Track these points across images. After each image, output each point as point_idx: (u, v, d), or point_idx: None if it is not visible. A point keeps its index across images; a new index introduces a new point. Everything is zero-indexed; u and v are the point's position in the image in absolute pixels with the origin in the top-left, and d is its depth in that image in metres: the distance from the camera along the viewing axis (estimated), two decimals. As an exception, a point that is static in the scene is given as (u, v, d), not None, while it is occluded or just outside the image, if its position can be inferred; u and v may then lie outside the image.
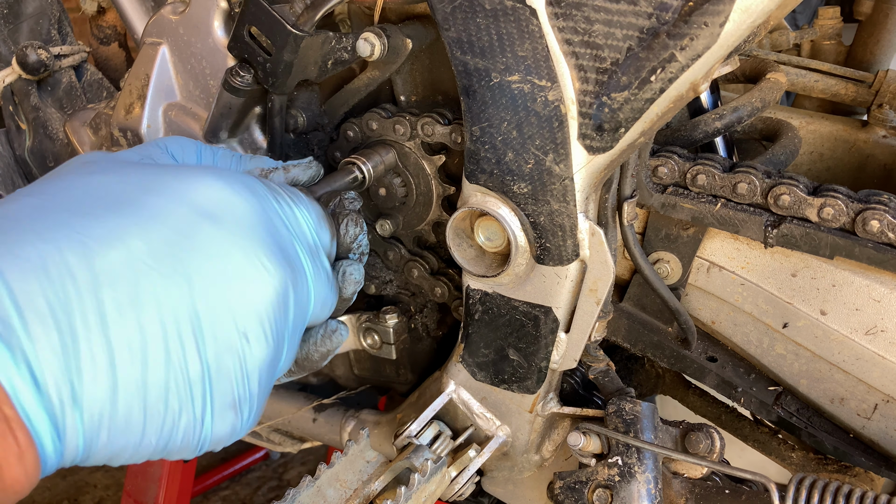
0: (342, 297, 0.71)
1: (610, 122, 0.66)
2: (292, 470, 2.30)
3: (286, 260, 0.59)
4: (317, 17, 0.77)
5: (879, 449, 0.80)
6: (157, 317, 0.51)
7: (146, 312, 0.50)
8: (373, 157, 0.85)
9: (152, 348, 0.50)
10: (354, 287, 0.71)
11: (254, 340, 0.55)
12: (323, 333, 0.70)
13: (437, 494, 0.82)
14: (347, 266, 0.71)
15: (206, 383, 0.53)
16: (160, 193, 0.55)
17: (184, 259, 0.53)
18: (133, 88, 0.97)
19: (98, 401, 0.48)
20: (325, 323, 0.71)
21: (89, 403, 0.48)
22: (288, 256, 0.60)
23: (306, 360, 0.71)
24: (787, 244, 0.77)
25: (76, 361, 0.47)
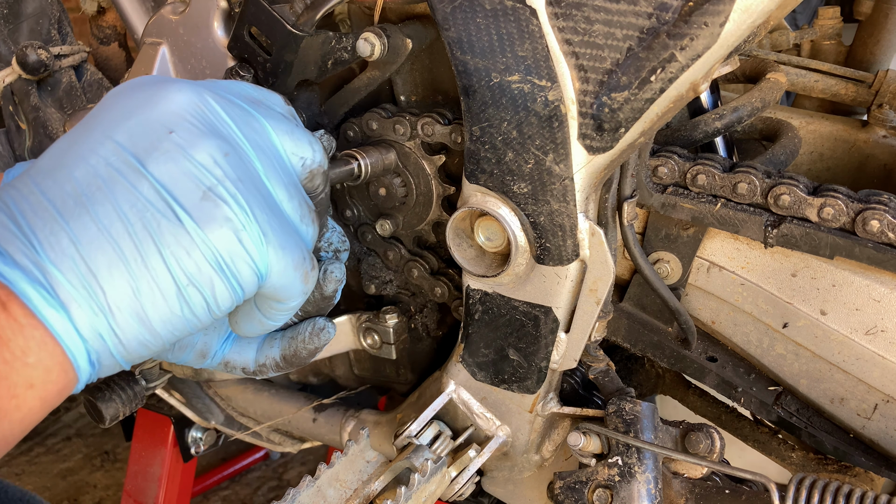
0: (323, 295, 0.72)
1: (610, 122, 0.66)
2: (292, 470, 2.30)
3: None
4: (317, 17, 0.77)
5: (879, 449, 0.80)
6: (91, 171, 0.54)
7: (98, 200, 0.53)
8: (372, 154, 0.85)
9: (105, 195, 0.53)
10: (335, 285, 0.72)
11: (183, 132, 0.56)
12: (311, 331, 0.72)
13: (437, 494, 0.82)
14: (329, 265, 0.72)
15: (166, 193, 0.54)
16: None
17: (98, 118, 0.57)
18: (133, 88, 0.96)
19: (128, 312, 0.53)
20: (312, 321, 0.72)
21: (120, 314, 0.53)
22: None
23: (294, 357, 0.73)
24: (787, 244, 0.77)
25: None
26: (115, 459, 2.36)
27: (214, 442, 1.40)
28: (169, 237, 0.53)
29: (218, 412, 1.26)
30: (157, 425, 1.45)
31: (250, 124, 0.61)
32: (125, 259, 0.52)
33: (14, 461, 2.35)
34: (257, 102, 0.65)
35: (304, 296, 0.64)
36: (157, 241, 0.53)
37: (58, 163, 0.55)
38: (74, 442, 2.42)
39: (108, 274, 0.52)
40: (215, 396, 1.25)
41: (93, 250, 0.52)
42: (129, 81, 0.62)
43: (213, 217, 0.54)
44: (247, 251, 0.56)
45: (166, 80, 0.61)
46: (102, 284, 0.52)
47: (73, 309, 0.51)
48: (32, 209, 0.52)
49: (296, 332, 0.72)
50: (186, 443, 1.39)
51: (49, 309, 0.50)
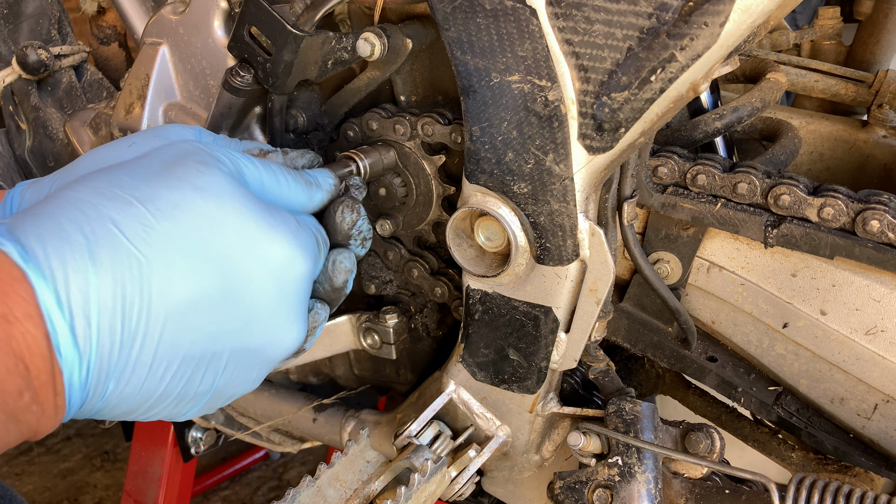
0: (333, 286, 0.70)
1: (610, 122, 0.66)
2: (292, 470, 2.30)
3: (306, 318, 0.66)
4: (317, 17, 0.77)
5: (879, 449, 0.80)
6: (200, 349, 0.58)
7: (196, 345, 0.58)
8: (371, 155, 0.85)
9: (183, 369, 0.57)
10: (345, 276, 0.70)
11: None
12: (332, 267, 0.70)
13: (437, 494, 0.82)
14: (337, 255, 0.70)
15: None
16: (242, 246, 0.60)
17: (241, 308, 0.60)
18: (133, 88, 0.97)
19: (121, 393, 0.55)
20: (329, 254, 0.70)
21: (116, 393, 0.54)
22: (306, 315, 0.66)
23: (332, 291, 0.71)
24: (787, 244, 0.77)
25: (120, 361, 0.54)
26: (115, 459, 2.36)
27: (214, 442, 1.40)
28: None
29: (218, 412, 1.26)
30: (157, 425, 1.45)
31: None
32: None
33: (14, 461, 2.35)
34: (272, 186, 0.67)
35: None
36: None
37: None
38: (74, 442, 2.42)
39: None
40: (215, 396, 1.25)
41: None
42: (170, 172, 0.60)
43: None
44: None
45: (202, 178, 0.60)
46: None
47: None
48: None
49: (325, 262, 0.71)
50: (186, 443, 1.39)
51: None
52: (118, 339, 0.52)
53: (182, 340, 0.55)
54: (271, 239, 0.60)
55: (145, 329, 0.53)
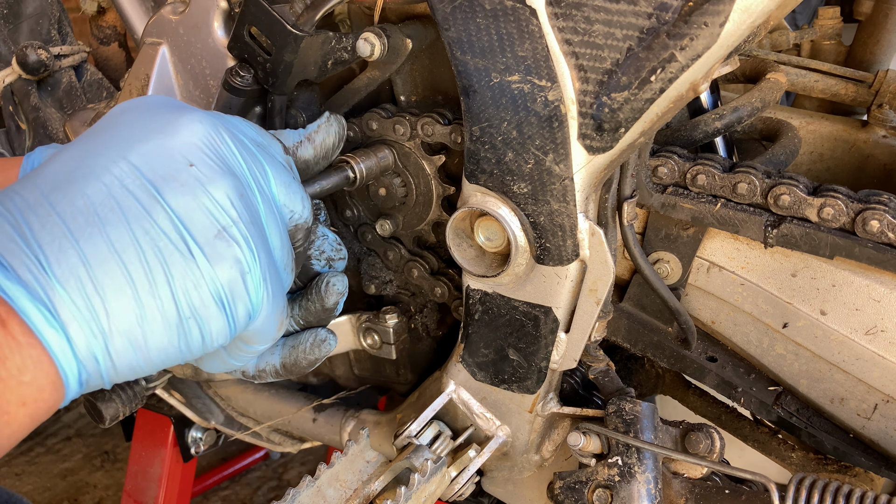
0: (324, 307, 0.71)
1: (610, 122, 0.66)
2: (292, 470, 2.30)
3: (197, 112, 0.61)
4: (317, 17, 0.77)
5: (879, 449, 0.80)
6: (101, 186, 0.53)
7: (89, 184, 0.53)
8: (368, 157, 0.85)
9: (110, 215, 0.53)
10: (336, 298, 0.71)
11: (203, 166, 0.56)
12: (312, 342, 0.71)
13: (437, 494, 0.82)
14: (331, 277, 0.71)
15: (182, 226, 0.54)
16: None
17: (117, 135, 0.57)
18: (133, 88, 0.97)
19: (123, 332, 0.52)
20: (314, 331, 0.71)
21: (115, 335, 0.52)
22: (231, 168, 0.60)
23: (294, 366, 0.72)
24: (787, 244, 0.77)
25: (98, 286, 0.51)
26: (115, 459, 2.36)
27: (214, 442, 1.40)
28: (179, 270, 0.53)
29: (218, 412, 1.26)
30: (157, 425, 1.45)
31: (258, 168, 0.62)
32: (133, 285, 0.52)
33: (14, 461, 2.35)
34: (262, 147, 0.65)
35: (273, 342, 0.65)
36: (167, 271, 0.53)
37: (68, 176, 0.54)
38: (74, 442, 2.42)
39: (114, 297, 0.51)
40: (215, 396, 1.25)
41: (102, 272, 0.51)
42: (141, 100, 0.62)
43: (224, 256, 0.55)
44: (248, 293, 0.56)
45: (182, 107, 0.61)
46: (108, 307, 0.51)
47: (73, 330, 0.50)
48: (41, 223, 0.51)
49: (297, 342, 0.71)
50: (186, 443, 1.39)
51: (49, 329, 0.49)
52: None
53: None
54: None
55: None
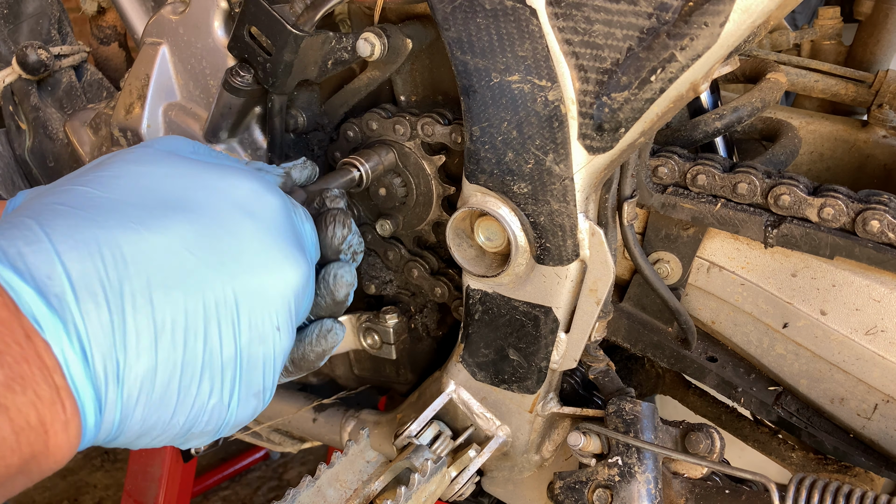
0: (335, 300, 0.70)
1: (610, 122, 0.66)
2: (292, 470, 2.30)
3: (305, 255, 0.62)
4: (317, 17, 0.77)
5: (879, 449, 0.80)
6: (200, 301, 0.53)
7: (190, 296, 0.53)
8: (372, 158, 0.85)
9: (192, 330, 0.52)
10: (347, 289, 0.71)
11: (283, 330, 0.58)
12: (318, 333, 0.70)
13: (437, 494, 0.82)
14: (338, 269, 0.70)
15: (237, 369, 0.55)
16: (203, 188, 0.59)
17: (225, 249, 0.56)
18: (133, 88, 0.97)
19: (138, 378, 0.50)
20: (320, 322, 0.70)
21: (130, 380, 0.50)
22: (305, 252, 0.63)
23: (303, 360, 0.71)
24: (788, 244, 0.77)
25: (122, 339, 0.49)
26: (115, 459, 2.36)
27: (214, 442, 1.40)
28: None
29: (218, 412, 1.26)
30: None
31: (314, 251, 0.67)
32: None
33: (14, 461, 2.34)
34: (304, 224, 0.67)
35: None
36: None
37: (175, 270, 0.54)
38: (74, 442, 2.41)
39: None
40: (215, 396, 1.25)
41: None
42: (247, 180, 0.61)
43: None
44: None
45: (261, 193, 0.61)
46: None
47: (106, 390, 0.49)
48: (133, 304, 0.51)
49: (303, 335, 0.70)
50: (186, 443, 1.39)
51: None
52: (108, 312, 0.49)
53: (173, 295, 0.52)
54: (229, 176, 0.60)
55: (133, 298, 0.50)
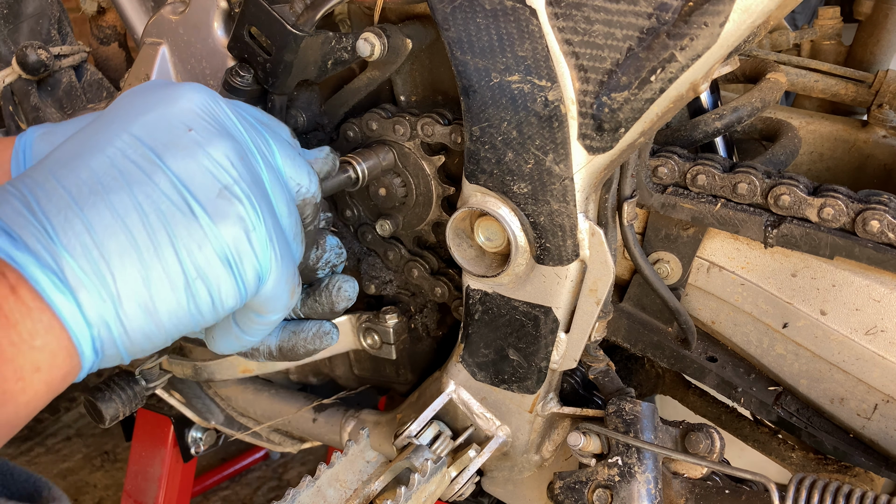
0: (333, 311, 0.74)
1: (610, 122, 0.66)
2: (292, 470, 2.30)
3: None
4: (317, 17, 0.77)
5: (879, 449, 0.80)
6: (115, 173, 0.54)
7: (114, 189, 0.53)
8: (370, 158, 0.85)
9: (122, 193, 0.53)
10: (346, 304, 0.74)
11: (202, 130, 0.57)
12: (315, 332, 0.73)
13: (437, 494, 0.82)
14: (343, 282, 0.73)
15: (183, 188, 0.55)
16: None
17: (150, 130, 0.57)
18: (133, 88, 0.96)
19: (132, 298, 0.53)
20: (320, 323, 0.73)
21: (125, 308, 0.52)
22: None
23: (290, 351, 0.73)
24: (787, 244, 0.77)
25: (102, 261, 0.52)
26: (115, 459, 2.36)
27: (214, 442, 1.40)
28: (182, 230, 0.54)
29: (218, 412, 1.26)
30: (157, 425, 1.45)
31: (260, 138, 0.63)
32: (138, 248, 0.53)
33: (14, 461, 2.35)
34: (264, 124, 0.67)
35: (287, 311, 0.65)
36: (170, 232, 0.53)
37: (74, 153, 0.55)
38: (74, 442, 2.42)
39: (119, 261, 0.52)
40: (215, 396, 1.25)
41: (106, 237, 0.52)
42: (144, 84, 0.63)
43: (227, 214, 0.55)
44: (254, 251, 0.57)
45: (182, 83, 0.62)
46: (113, 271, 0.52)
47: (82, 295, 0.51)
48: (47, 196, 0.53)
49: (299, 328, 0.72)
50: (186, 443, 1.39)
51: (58, 294, 0.50)
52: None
53: None
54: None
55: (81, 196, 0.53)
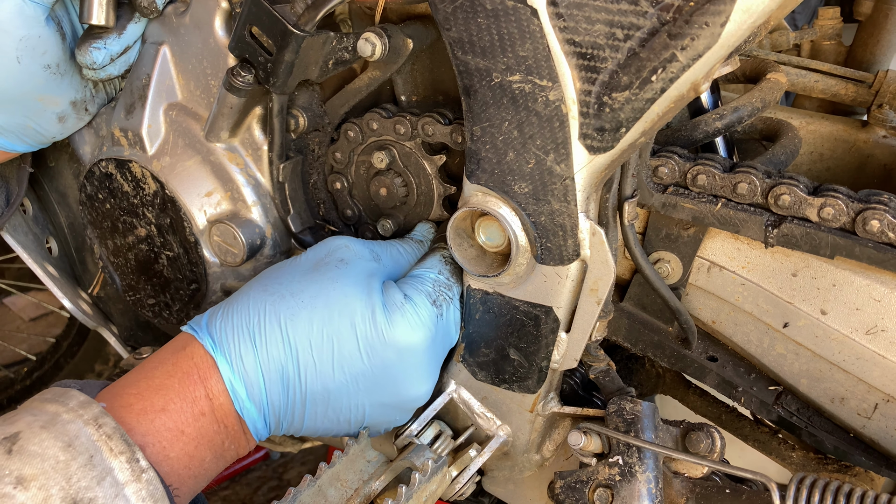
0: None
1: (611, 121, 0.66)
2: (292, 470, 2.30)
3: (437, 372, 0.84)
4: (318, 17, 0.77)
5: (880, 448, 0.80)
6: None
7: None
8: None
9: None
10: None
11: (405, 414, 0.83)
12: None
13: (437, 494, 0.82)
14: None
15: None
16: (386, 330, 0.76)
17: (374, 384, 0.78)
18: (134, 88, 0.97)
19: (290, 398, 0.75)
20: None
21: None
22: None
23: None
24: (788, 244, 0.77)
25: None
26: (116, 459, 2.36)
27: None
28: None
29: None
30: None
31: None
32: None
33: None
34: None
35: None
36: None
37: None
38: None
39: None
40: (216, 396, 1.25)
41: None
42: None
43: None
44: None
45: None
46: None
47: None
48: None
49: None
50: (187, 443, 1.39)
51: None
52: (282, 395, 0.73)
53: (323, 392, 0.75)
54: (391, 320, 0.75)
55: (298, 388, 0.73)
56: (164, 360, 0.72)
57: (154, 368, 0.71)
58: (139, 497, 0.58)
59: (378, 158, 0.88)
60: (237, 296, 0.76)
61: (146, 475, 0.60)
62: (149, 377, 0.70)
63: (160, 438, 0.66)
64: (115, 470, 0.59)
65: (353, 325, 0.74)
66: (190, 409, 0.69)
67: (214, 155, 0.93)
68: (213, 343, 0.72)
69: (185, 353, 0.72)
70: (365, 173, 0.93)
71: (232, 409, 0.71)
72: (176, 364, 0.71)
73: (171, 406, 0.68)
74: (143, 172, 0.96)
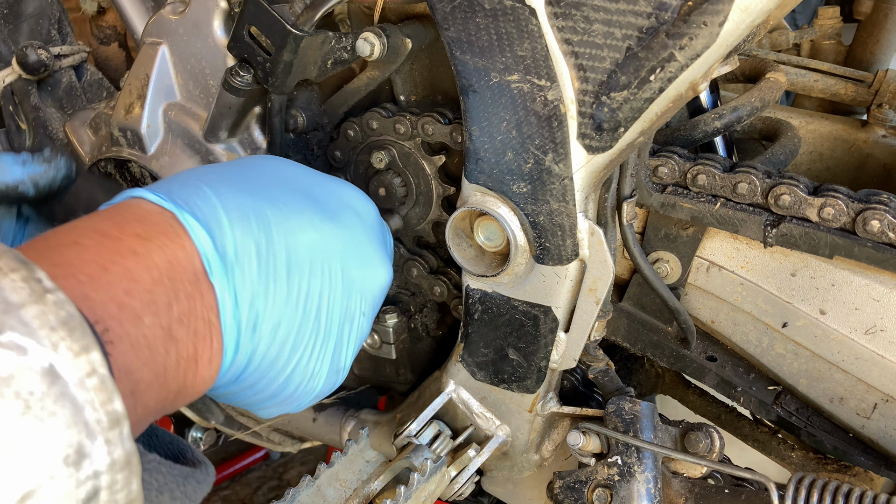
0: None
1: (609, 121, 0.66)
2: (292, 470, 2.30)
3: (391, 262, 0.73)
4: (316, 16, 0.77)
5: (879, 448, 0.80)
6: (321, 274, 0.62)
7: (315, 268, 0.62)
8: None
9: (312, 298, 0.61)
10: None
11: (367, 317, 0.68)
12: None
13: (436, 494, 0.82)
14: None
15: (330, 345, 0.64)
16: (322, 186, 0.69)
17: (342, 237, 0.66)
18: (133, 88, 0.97)
19: (268, 328, 0.58)
20: None
21: (262, 329, 0.57)
22: (390, 260, 0.74)
23: None
24: (787, 244, 0.77)
25: (263, 293, 0.57)
26: (116, 459, 2.36)
27: (214, 442, 1.40)
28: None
29: (218, 412, 1.26)
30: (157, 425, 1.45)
31: None
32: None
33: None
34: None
35: None
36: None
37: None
38: (74, 442, 2.41)
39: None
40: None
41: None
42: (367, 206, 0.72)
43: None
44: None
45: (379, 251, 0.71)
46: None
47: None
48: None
49: None
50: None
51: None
52: (256, 270, 0.57)
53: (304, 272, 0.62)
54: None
55: (274, 262, 0.59)
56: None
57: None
58: (44, 323, 0.40)
59: (377, 158, 0.88)
60: (220, 184, 0.61)
61: (53, 296, 0.42)
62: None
63: (74, 271, 0.48)
64: (4, 289, 0.41)
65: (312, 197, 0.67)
66: (115, 246, 0.51)
67: (214, 155, 0.93)
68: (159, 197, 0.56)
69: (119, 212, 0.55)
70: (364, 173, 0.93)
71: (191, 261, 0.53)
72: (104, 218, 0.54)
73: (84, 241, 0.50)
74: (143, 172, 0.96)
